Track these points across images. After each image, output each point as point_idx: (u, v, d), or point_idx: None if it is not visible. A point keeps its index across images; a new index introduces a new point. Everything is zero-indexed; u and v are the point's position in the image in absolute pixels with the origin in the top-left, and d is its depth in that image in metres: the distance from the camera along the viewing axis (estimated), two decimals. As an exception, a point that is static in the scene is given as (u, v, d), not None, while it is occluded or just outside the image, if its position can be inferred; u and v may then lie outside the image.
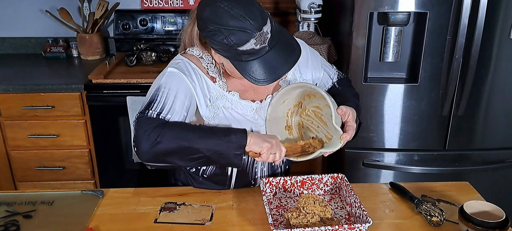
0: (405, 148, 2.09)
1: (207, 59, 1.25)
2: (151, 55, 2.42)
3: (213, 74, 1.25)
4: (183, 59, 1.23)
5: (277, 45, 1.11)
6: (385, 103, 2.01)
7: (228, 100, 1.24)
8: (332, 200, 1.29)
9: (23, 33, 2.72)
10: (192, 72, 1.21)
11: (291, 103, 1.34)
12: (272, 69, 1.10)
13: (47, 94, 2.17)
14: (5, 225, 1.17)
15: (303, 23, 2.39)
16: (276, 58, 1.10)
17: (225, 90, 1.25)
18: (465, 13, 1.81)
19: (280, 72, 1.11)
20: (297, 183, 1.29)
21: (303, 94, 1.31)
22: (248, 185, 1.38)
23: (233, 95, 1.25)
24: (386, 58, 1.96)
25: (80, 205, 1.26)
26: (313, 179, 1.29)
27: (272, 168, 1.39)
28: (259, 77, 1.10)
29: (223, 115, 1.24)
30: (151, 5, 2.68)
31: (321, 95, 1.21)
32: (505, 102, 2.02)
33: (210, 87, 1.23)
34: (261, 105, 1.29)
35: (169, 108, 1.15)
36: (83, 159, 2.32)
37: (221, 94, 1.24)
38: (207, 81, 1.23)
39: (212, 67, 1.25)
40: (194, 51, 1.26)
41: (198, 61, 1.24)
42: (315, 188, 1.30)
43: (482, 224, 1.03)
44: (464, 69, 1.92)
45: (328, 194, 1.31)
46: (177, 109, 1.16)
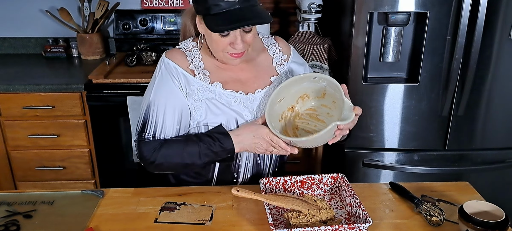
0: (405, 148, 2.09)
1: (194, 53, 1.31)
2: (151, 55, 2.42)
3: (196, 68, 1.29)
4: (165, 62, 1.29)
5: (248, 7, 1.16)
6: (385, 103, 2.01)
7: (211, 91, 1.28)
8: (332, 200, 1.29)
9: (23, 33, 2.72)
10: (174, 71, 1.27)
11: (286, 105, 1.32)
12: (235, 20, 1.14)
13: (47, 94, 2.17)
14: (5, 225, 1.17)
15: (303, 23, 2.40)
16: (243, 14, 1.14)
17: (207, 82, 1.28)
18: (465, 13, 1.81)
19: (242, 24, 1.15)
20: (297, 183, 1.29)
21: (301, 92, 1.30)
22: (230, 180, 1.38)
23: (216, 86, 1.29)
24: (386, 58, 1.96)
25: (80, 205, 1.26)
26: (313, 179, 1.29)
27: (257, 165, 1.39)
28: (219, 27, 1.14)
29: (206, 106, 1.27)
30: (151, 5, 2.68)
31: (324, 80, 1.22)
32: (505, 102, 2.02)
33: (190, 81, 1.28)
34: (247, 97, 1.30)
35: (161, 127, 1.26)
36: (83, 159, 2.32)
37: (203, 87, 1.28)
38: (187, 76, 1.28)
39: (197, 61, 1.30)
40: (185, 44, 1.33)
41: (182, 56, 1.30)
42: (315, 188, 1.30)
43: (482, 224, 1.03)
44: (464, 69, 1.92)
45: (328, 194, 1.31)
46: (169, 126, 1.26)
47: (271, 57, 1.39)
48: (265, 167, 1.40)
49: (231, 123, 1.29)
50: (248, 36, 1.23)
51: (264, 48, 1.40)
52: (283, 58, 1.41)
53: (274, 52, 1.40)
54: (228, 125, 1.28)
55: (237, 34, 1.19)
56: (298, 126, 1.34)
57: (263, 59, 1.39)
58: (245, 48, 1.24)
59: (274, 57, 1.39)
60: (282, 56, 1.41)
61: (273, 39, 1.43)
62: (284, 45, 1.43)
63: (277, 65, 1.39)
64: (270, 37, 1.44)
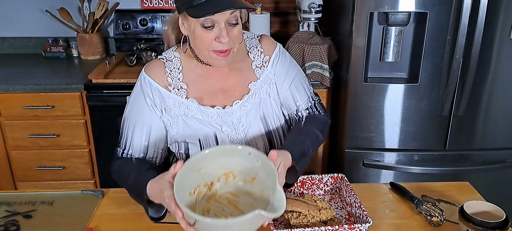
0: (405, 148, 2.09)
1: (175, 63, 1.26)
2: (151, 55, 2.42)
3: (173, 80, 1.24)
4: (142, 77, 1.26)
5: None
6: (385, 103, 2.01)
7: (187, 107, 1.23)
8: (332, 200, 1.29)
9: (23, 33, 2.72)
10: (149, 87, 1.23)
11: (204, 178, 1.05)
12: (215, 5, 1.08)
13: (47, 94, 2.17)
14: (5, 225, 1.17)
15: (303, 23, 2.39)
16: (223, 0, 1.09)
17: (183, 97, 1.23)
18: (465, 13, 1.81)
19: (225, 7, 1.08)
20: (297, 183, 1.28)
21: (227, 169, 1.06)
22: None
23: (192, 102, 1.23)
24: (386, 58, 1.96)
25: (80, 205, 1.26)
26: (313, 179, 1.29)
27: None
28: (202, 12, 1.09)
29: (182, 122, 1.23)
30: (151, 5, 2.68)
31: (259, 160, 1.01)
32: (505, 102, 2.02)
33: (164, 96, 1.23)
34: (224, 111, 1.24)
35: (129, 144, 1.25)
36: (83, 159, 2.32)
37: (179, 102, 1.23)
38: (161, 91, 1.23)
39: (176, 73, 1.25)
40: (167, 54, 1.28)
41: (160, 69, 1.25)
42: (315, 188, 1.30)
43: (482, 224, 1.03)
44: (464, 69, 1.92)
45: (328, 194, 1.31)
46: (136, 143, 1.24)
47: (251, 59, 1.29)
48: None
49: (210, 139, 1.23)
50: (235, 30, 1.15)
51: (245, 51, 1.30)
52: (264, 60, 1.29)
53: (255, 54, 1.30)
54: (206, 141, 1.23)
55: (222, 26, 1.12)
56: (210, 209, 1.05)
57: (244, 64, 1.29)
58: (231, 45, 1.15)
59: (255, 60, 1.29)
60: (263, 58, 1.29)
61: (257, 40, 1.32)
62: (267, 44, 1.31)
63: (257, 68, 1.28)
64: (254, 38, 1.33)
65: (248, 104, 1.26)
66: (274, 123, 1.29)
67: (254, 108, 1.26)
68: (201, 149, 1.24)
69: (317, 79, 2.20)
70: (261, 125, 1.27)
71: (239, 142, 1.25)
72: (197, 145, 1.24)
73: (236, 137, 1.25)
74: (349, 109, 2.03)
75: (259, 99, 1.27)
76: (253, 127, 1.26)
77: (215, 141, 1.24)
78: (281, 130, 1.31)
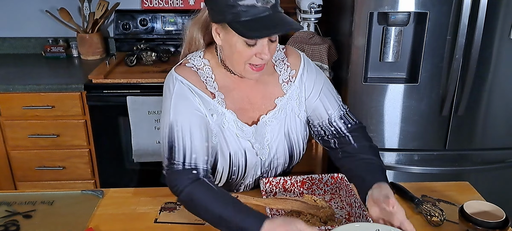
0: (405, 148, 2.09)
1: (206, 72, 1.20)
2: (151, 55, 2.42)
3: (212, 89, 1.19)
4: (179, 79, 1.17)
5: (277, 14, 1.07)
6: (385, 103, 2.01)
7: (226, 118, 1.19)
8: (332, 200, 1.28)
9: (23, 33, 2.72)
10: (189, 91, 1.16)
11: None
12: (270, 27, 1.05)
13: (47, 94, 2.17)
14: (5, 225, 1.17)
15: (303, 23, 2.39)
16: (274, 20, 1.06)
17: (223, 106, 1.19)
18: (465, 13, 1.81)
19: (279, 30, 1.06)
20: (297, 183, 1.29)
21: None
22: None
23: (231, 113, 1.19)
24: (386, 58, 1.96)
25: (80, 205, 1.26)
26: (313, 179, 1.29)
27: (256, 181, 1.33)
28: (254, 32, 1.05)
29: (218, 132, 1.19)
30: (151, 5, 2.68)
31: None
32: (505, 102, 2.02)
33: (207, 103, 1.17)
34: (256, 129, 1.23)
35: (190, 149, 1.12)
36: (83, 159, 2.32)
37: (220, 111, 1.19)
38: (204, 97, 1.17)
39: (210, 82, 1.20)
40: (194, 61, 1.21)
41: (195, 76, 1.18)
42: (315, 188, 1.30)
43: (482, 224, 1.03)
44: (464, 69, 1.92)
45: (328, 194, 1.31)
46: (198, 146, 1.13)
47: (278, 73, 1.27)
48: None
49: (239, 153, 1.22)
50: (273, 46, 1.13)
51: (271, 63, 1.27)
52: (291, 74, 1.27)
53: (281, 68, 1.27)
54: (236, 156, 1.21)
55: (265, 43, 1.09)
56: None
57: (270, 77, 1.26)
58: (269, 59, 1.14)
59: (281, 74, 1.27)
60: (290, 72, 1.27)
61: (283, 53, 1.29)
62: (293, 58, 1.29)
63: (284, 83, 1.26)
64: (280, 50, 1.30)
65: (274, 119, 1.24)
66: (296, 138, 1.29)
67: (279, 125, 1.25)
68: (230, 166, 1.22)
69: (317, 79, 2.20)
70: (284, 141, 1.27)
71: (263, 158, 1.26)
72: (227, 163, 1.22)
73: (261, 152, 1.25)
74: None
75: (284, 116, 1.26)
76: (278, 143, 1.26)
77: (244, 157, 1.23)
78: (302, 145, 1.32)
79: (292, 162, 1.33)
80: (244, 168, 1.25)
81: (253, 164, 1.26)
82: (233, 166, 1.23)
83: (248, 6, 1.03)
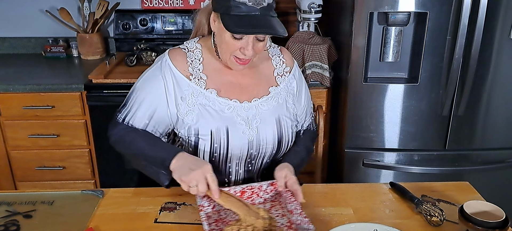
0: (405, 148, 2.09)
1: (196, 54, 1.31)
2: (151, 55, 2.42)
3: (194, 70, 1.28)
4: (164, 59, 1.30)
5: (267, 16, 1.16)
6: (385, 103, 2.01)
7: (205, 97, 1.27)
8: (272, 208, 1.23)
9: (23, 33, 2.72)
10: (169, 71, 1.27)
11: None
12: (253, 26, 1.14)
13: (47, 94, 2.17)
14: (5, 225, 1.17)
15: (303, 23, 2.39)
16: (261, 21, 1.14)
17: (202, 87, 1.27)
18: (465, 13, 1.81)
19: (260, 31, 1.15)
20: (236, 194, 1.21)
21: None
22: (222, 183, 1.35)
23: (210, 92, 1.27)
24: (386, 58, 1.96)
25: (80, 205, 1.26)
26: (253, 188, 1.23)
27: (248, 172, 1.36)
28: (238, 28, 1.14)
29: (198, 111, 1.26)
30: (151, 5, 2.68)
31: None
32: (505, 102, 2.02)
33: (185, 85, 1.27)
34: (241, 105, 1.29)
35: (132, 115, 1.29)
36: (83, 159, 2.32)
37: (197, 92, 1.27)
38: (182, 79, 1.27)
39: (196, 63, 1.30)
40: (189, 44, 1.33)
41: (182, 57, 1.29)
42: (255, 197, 1.24)
43: (482, 224, 1.03)
44: (464, 69, 1.92)
45: (268, 202, 1.25)
46: (139, 117, 1.28)
47: (274, 67, 1.38)
48: (255, 171, 1.37)
49: (221, 131, 1.26)
50: (260, 45, 1.22)
51: (268, 57, 1.39)
52: (286, 70, 1.39)
53: (277, 62, 1.39)
54: (217, 133, 1.26)
55: (250, 40, 1.19)
56: None
57: (265, 68, 1.37)
58: (253, 56, 1.23)
59: (277, 68, 1.38)
60: (284, 68, 1.39)
61: (278, 50, 1.42)
62: (289, 58, 1.42)
63: (278, 76, 1.37)
64: (275, 47, 1.42)
65: (266, 104, 1.32)
66: (286, 127, 1.34)
67: (270, 110, 1.32)
68: (212, 143, 1.26)
69: (317, 79, 2.20)
70: (274, 126, 1.32)
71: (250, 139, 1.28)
72: (208, 140, 1.26)
73: (249, 133, 1.29)
74: (349, 110, 2.04)
75: (276, 103, 1.34)
76: (267, 125, 1.31)
77: (226, 135, 1.27)
78: (291, 135, 1.37)
79: (280, 150, 1.35)
80: (226, 146, 1.27)
81: (239, 144, 1.28)
82: (215, 143, 1.26)
83: (240, 2, 1.13)
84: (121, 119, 1.30)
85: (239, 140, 1.28)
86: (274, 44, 1.43)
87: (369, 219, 1.19)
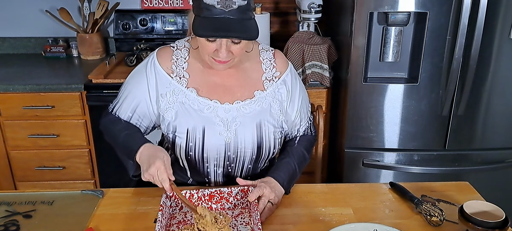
0: (405, 148, 2.09)
1: (183, 53, 1.32)
2: (151, 55, 2.42)
3: (177, 68, 1.30)
4: (152, 57, 1.33)
5: (239, 19, 1.13)
6: (385, 103, 2.01)
7: (185, 96, 1.28)
8: (240, 215, 1.21)
9: (23, 33, 2.72)
10: (152, 67, 1.31)
11: None
12: (218, 29, 1.13)
13: (47, 94, 2.17)
14: (5, 225, 1.17)
15: (303, 23, 2.39)
16: (229, 25, 1.12)
17: (184, 86, 1.29)
18: (465, 13, 1.81)
19: (225, 34, 1.13)
20: (204, 197, 1.20)
21: None
22: (203, 182, 1.37)
23: (191, 91, 1.28)
24: (386, 58, 1.96)
25: (80, 205, 1.26)
26: (222, 193, 1.21)
27: (227, 175, 1.35)
28: (202, 31, 1.14)
29: (177, 109, 1.28)
30: (151, 5, 2.68)
31: None
32: (505, 102, 2.02)
33: (166, 82, 1.29)
34: (222, 106, 1.28)
35: (119, 106, 1.35)
36: (83, 159, 2.32)
37: (179, 90, 1.28)
38: (164, 76, 1.29)
39: (181, 61, 1.31)
40: (179, 43, 1.35)
41: (168, 55, 1.32)
42: (224, 202, 1.22)
43: (482, 224, 1.03)
44: (464, 69, 1.92)
45: (238, 208, 1.23)
46: (123, 108, 1.34)
47: (263, 71, 1.34)
48: (236, 175, 1.36)
49: (197, 130, 1.26)
50: (236, 47, 1.19)
51: (258, 60, 1.35)
52: (275, 75, 1.34)
53: (267, 66, 1.35)
54: (193, 132, 1.26)
55: (223, 42, 1.16)
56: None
57: (254, 71, 1.34)
58: (230, 57, 1.21)
59: (266, 72, 1.34)
60: (274, 72, 1.35)
61: (272, 54, 1.37)
62: (281, 62, 1.37)
63: (266, 81, 1.33)
64: (269, 51, 1.38)
65: (248, 108, 1.30)
66: (267, 133, 1.32)
67: (252, 114, 1.30)
68: (187, 141, 1.27)
69: (317, 79, 2.20)
70: (254, 130, 1.30)
71: (227, 140, 1.28)
72: (184, 138, 1.27)
73: (226, 135, 1.28)
74: (349, 109, 2.04)
75: (260, 108, 1.31)
76: (246, 129, 1.29)
77: (202, 134, 1.27)
78: (273, 141, 1.34)
79: (260, 156, 1.33)
80: (201, 146, 1.27)
81: (214, 144, 1.28)
82: (190, 142, 1.27)
83: (209, 5, 1.12)
84: (110, 108, 1.37)
85: (215, 141, 1.27)
86: (269, 47, 1.40)
87: (369, 219, 1.19)
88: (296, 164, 1.35)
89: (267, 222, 1.17)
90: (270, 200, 1.19)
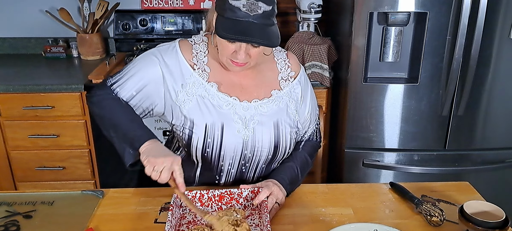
0: (405, 148, 2.09)
1: (201, 47, 1.31)
2: (151, 55, 2.42)
3: (198, 62, 1.29)
4: (174, 43, 1.31)
5: (261, 24, 1.13)
6: (385, 103, 2.01)
7: (206, 90, 1.27)
8: (250, 216, 1.19)
9: (23, 33, 2.72)
10: (174, 55, 1.28)
11: None
12: (241, 33, 1.12)
13: (47, 94, 2.17)
14: (5, 225, 1.17)
15: (303, 23, 2.39)
16: (252, 30, 1.12)
17: (204, 79, 1.27)
18: (465, 13, 1.81)
19: (248, 39, 1.12)
20: (214, 197, 1.20)
21: None
22: (212, 181, 1.34)
23: (211, 86, 1.27)
24: (386, 58, 1.96)
25: (80, 205, 1.26)
26: (232, 193, 1.20)
27: (241, 174, 1.34)
28: (225, 32, 1.12)
29: (196, 102, 1.26)
30: (151, 5, 2.68)
31: None
32: (505, 102, 2.02)
33: (187, 73, 1.27)
34: (240, 104, 1.27)
35: (121, 83, 1.29)
36: (83, 159, 2.32)
37: (199, 83, 1.27)
38: (186, 67, 1.27)
39: (201, 55, 1.30)
40: (197, 37, 1.34)
41: (189, 48, 1.30)
42: (234, 203, 1.21)
43: (482, 224, 1.03)
44: (464, 69, 1.92)
45: (248, 209, 1.21)
46: (127, 87, 1.28)
47: (278, 71, 1.35)
48: (249, 176, 1.35)
49: (216, 126, 1.25)
50: (255, 51, 1.19)
51: (273, 60, 1.37)
52: (291, 75, 1.36)
53: (282, 66, 1.36)
54: (212, 128, 1.25)
55: (243, 45, 1.17)
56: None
57: (269, 70, 1.35)
58: (247, 60, 1.20)
59: (281, 72, 1.35)
60: (289, 72, 1.36)
61: (285, 54, 1.39)
62: (295, 63, 1.39)
63: (282, 80, 1.35)
64: (282, 51, 1.40)
65: (266, 107, 1.30)
66: (284, 132, 1.32)
67: (269, 113, 1.30)
68: (205, 137, 1.25)
69: (317, 79, 2.20)
70: (272, 129, 1.30)
71: (245, 138, 1.27)
72: (202, 134, 1.25)
73: (244, 133, 1.27)
74: (349, 109, 2.04)
75: (277, 108, 1.31)
76: (264, 129, 1.29)
77: (221, 131, 1.25)
78: (289, 141, 1.34)
79: (276, 156, 1.33)
80: (219, 143, 1.26)
81: (233, 142, 1.26)
82: (208, 138, 1.25)
83: (234, 7, 1.12)
84: (110, 83, 1.31)
85: (233, 138, 1.26)
86: (280, 48, 1.40)
87: (369, 219, 1.19)
88: (299, 169, 1.34)
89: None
90: (277, 200, 1.20)
